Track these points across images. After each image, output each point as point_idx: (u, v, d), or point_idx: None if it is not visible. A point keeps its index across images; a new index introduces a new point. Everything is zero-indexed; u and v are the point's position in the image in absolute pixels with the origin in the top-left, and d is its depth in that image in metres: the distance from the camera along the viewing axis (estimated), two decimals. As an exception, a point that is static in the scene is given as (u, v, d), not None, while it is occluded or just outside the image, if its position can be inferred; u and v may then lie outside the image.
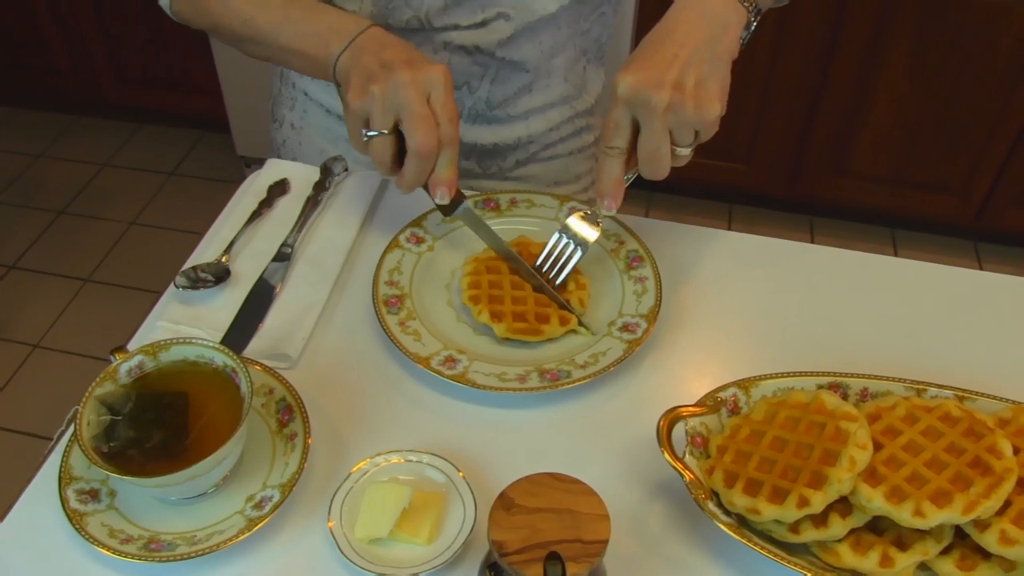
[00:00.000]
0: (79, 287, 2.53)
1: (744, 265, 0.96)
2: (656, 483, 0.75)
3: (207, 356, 0.74)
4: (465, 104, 1.05)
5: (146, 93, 2.90)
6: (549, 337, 0.86)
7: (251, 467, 0.74)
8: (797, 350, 0.86)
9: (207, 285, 0.89)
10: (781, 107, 2.41)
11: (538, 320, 0.86)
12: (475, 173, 1.12)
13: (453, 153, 0.83)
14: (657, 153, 0.79)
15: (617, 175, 0.82)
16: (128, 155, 3.01)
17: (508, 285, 0.89)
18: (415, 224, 0.96)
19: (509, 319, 0.85)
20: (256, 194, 1.01)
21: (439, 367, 0.81)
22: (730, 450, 0.72)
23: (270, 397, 0.78)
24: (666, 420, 0.71)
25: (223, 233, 0.96)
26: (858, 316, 0.90)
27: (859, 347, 0.87)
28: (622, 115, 0.79)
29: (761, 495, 0.68)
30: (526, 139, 1.11)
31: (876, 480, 0.67)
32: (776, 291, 0.93)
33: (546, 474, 0.59)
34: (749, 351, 0.86)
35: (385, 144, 0.82)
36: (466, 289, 0.88)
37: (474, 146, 1.10)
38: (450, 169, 0.84)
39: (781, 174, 2.56)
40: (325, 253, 0.95)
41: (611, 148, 0.81)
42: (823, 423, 0.70)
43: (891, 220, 2.68)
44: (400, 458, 0.74)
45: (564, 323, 0.86)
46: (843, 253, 0.98)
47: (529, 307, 0.87)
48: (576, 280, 0.90)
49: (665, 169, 0.80)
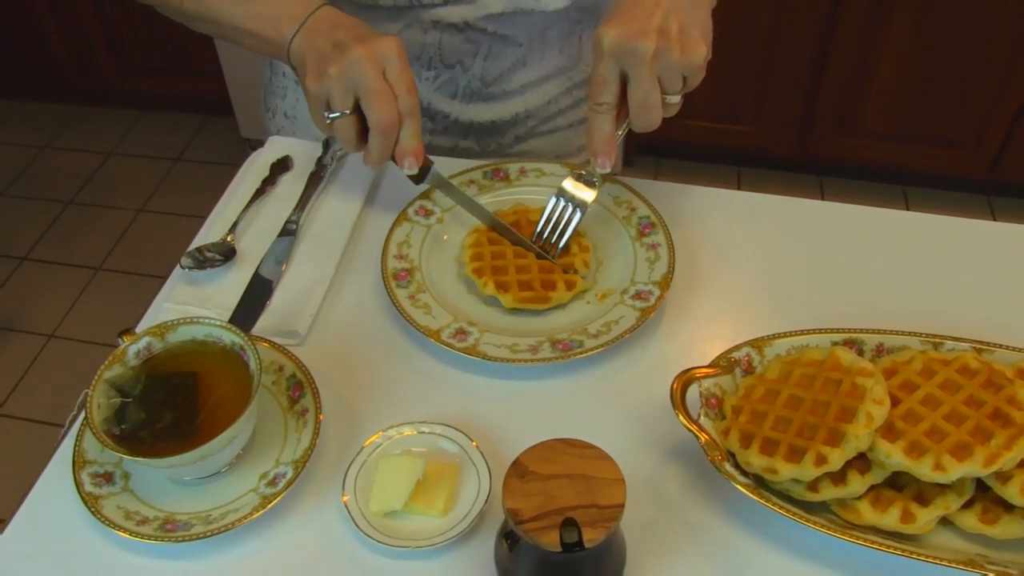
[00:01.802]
0: (90, 276, 2.54)
1: (755, 225, 0.95)
2: (671, 446, 0.74)
3: (215, 335, 0.73)
4: (459, 83, 1.04)
5: (148, 80, 2.90)
6: (558, 303, 0.85)
7: (263, 445, 0.74)
8: (811, 308, 0.85)
9: (213, 265, 0.89)
10: (787, 66, 2.39)
11: (544, 287, 0.85)
12: (474, 152, 1.12)
13: (415, 123, 0.84)
14: (648, 102, 0.78)
15: (608, 131, 0.82)
16: (133, 143, 3.01)
17: (511, 255, 0.88)
18: (424, 196, 0.95)
19: (515, 288, 0.85)
20: (259, 172, 1.01)
21: (450, 340, 0.80)
22: (745, 410, 0.71)
23: (280, 374, 0.78)
24: (680, 382, 0.70)
25: (227, 213, 0.96)
26: (872, 272, 0.89)
27: (874, 303, 0.86)
28: (609, 69, 0.79)
29: (778, 454, 0.67)
30: (524, 114, 1.10)
31: (894, 435, 0.66)
32: (788, 250, 0.92)
33: (559, 440, 0.58)
34: (762, 311, 0.86)
35: (348, 124, 0.83)
36: (469, 261, 0.87)
37: (471, 124, 1.09)
38: (414, 139, 0.84)
39: (789, 135, 2.54)
40: (330, 228, 0.94)
41: (600, 104, 0.81)
42: (839, 380, 0.69)
43: (902, 177, 2.66)
44: (413, 430, 0.74)
45: (571, 287, 0.85)
46: (855, 209, 0.97)
47: (534, 275, 0.86)
48: (579, 243, 0.89)
49: (657, 119, 0.79)
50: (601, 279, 0.89)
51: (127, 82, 2.92)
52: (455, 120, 1.08)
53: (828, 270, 0.90)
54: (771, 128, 2.53)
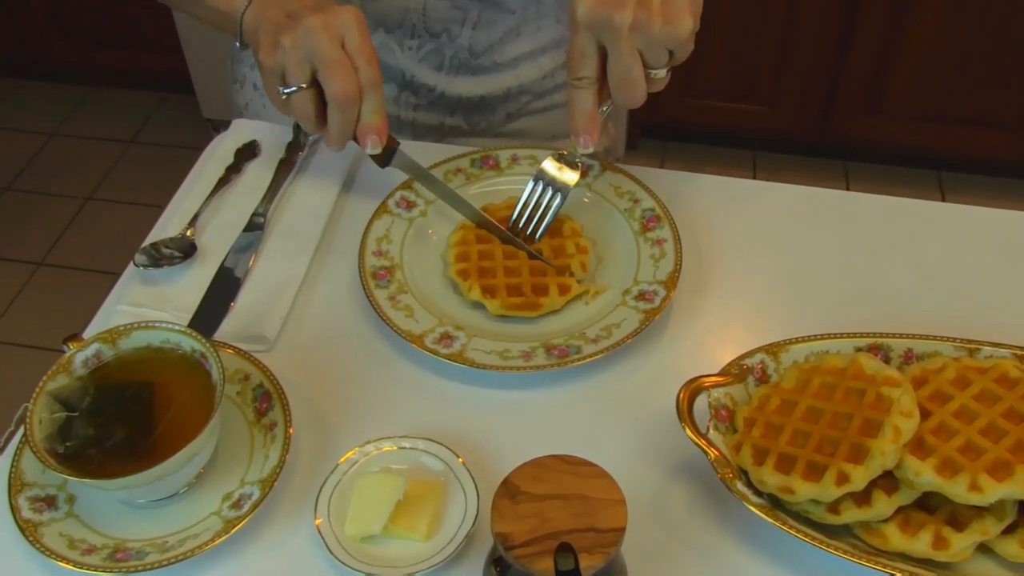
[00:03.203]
0: (31, 272, 2.53)
1: (771, 218, 0.96)
2: (677, 463, 0.75)
3: (173, 341, 0.73)
4: (446, 54, 1.05)
5: (97, 52, 2.89)
6: (550, 310, 0.85)
7: (227, 462, 0.74)
8: (832, 310, 0.86)
9: (171, 262, 0.89)
10: (807, 39, 2.39)
11: (535, 292, 0.86)
12: (462, 130, 1.12)
13: (377, 96, 0.84)
14: (629, 77, 0.79)
15: (589, 108, 0.82)
16: (80, 123, 3.00)
17: (500, 255, 0.88)
18: (406, 187, 0.95)
19: (503, 294, 0.85)
20: (222, 159, 1.01)
21: (434, 345, 0.81)
22: (759, 423, 0.72)
23: (246, 384, 0.78)
24: (686, 392, 0.71)
25: (187, 204, 0.96)
26: (901, 270, 0.90)
27: (902, 304, 0.87)
28: (586, 41, 0.79)
29: (795, 472, 0.68)
30: (516, 90, 1.10)
31: (925, 452, 0.67)
32: (808, 245, 0.93)
33: (554, 456, 0.59)
34: (778, 313, 0.86)
35: (305, 99, 0.84)
36: (454, 262, 0.88)
37: (459, 100, 1.09)
38: (377, 115, 0.85)
39: (809, 116, 2.55)
40: (302, 221, 0.94)
41: (579, 79, 0.81)
42: (862, 390, 0.70)
43: (936, 161, 2.67)
44: (393, 445, 0.74)
45: (565, 292, 0.86)
46: (882, 200, 0.97)
47: (524, 278, 0.86)
48: (576, 242, 0.90)
49: (641, 95, 0.80)
50: (600, 278, 0.89)
51: (73, 54, 2.91)
52: (441, 94, 1.08)
53: (852, 267, 0.90)
54: (790, 108, 2.54)
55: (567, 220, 0.92)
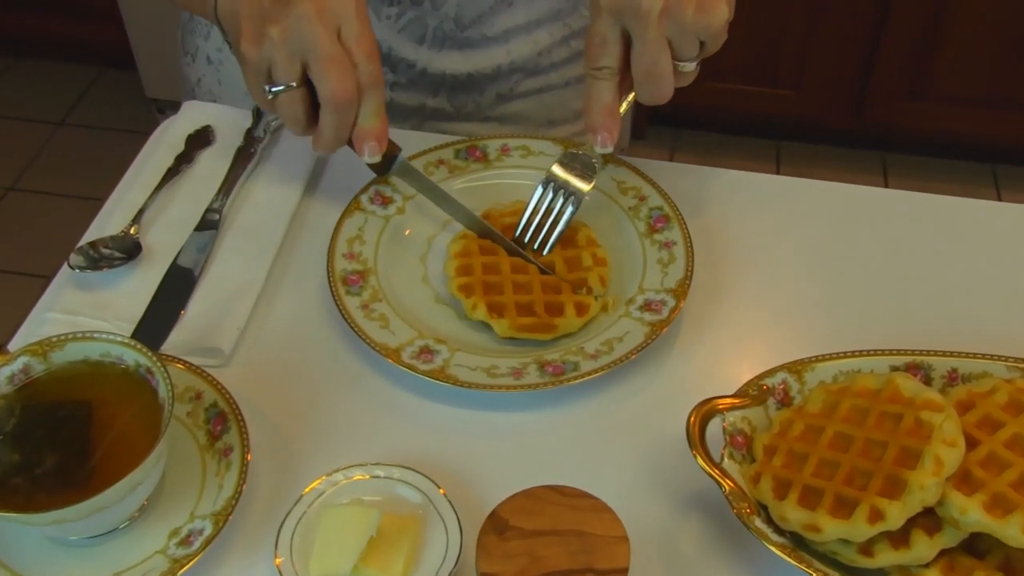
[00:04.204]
0: (-54, 274, 2.53)
1: (797, 218, 0.96)
2: (687, 495, 0.75)
3: (114, 354, 0.74)
4: (428, 24, 1.05)
5: (21, 17, 2.87)
6: (565, 332, 0.85)
7: (175, 493, 0.74)
8: (865, 324, 0.87)
9: (112, 264, 0.89)
10: (838, 12, 2.39)
11: (549, 312, 0.85)
12: (446, 113, 1.12)
13: (377, 97, 0.84)
14: (656, 69, 0.79)
15: (609, 102, 0.83)
16: (0, 100, 2.99)
17: (508, 268, 0.88)
18: (381, 181, 0.96)
19: (512, 313, 0.85)
20: (171, 147, 1.01)
21: (412, 361, 0.81)
22: (780, 451, 0.72)
23: (197, 403, 0.78)
24: (698, 415, 0.71)
25: (130, 198, 0.96)
26: (946, 278, 0.91)
27: (946, 318, 0.87)
28: (608, 27, 0.80)
29: (822, 507, 0.68)
30: (508, 67, 1.11)
31: (971, 487, 0.67)
32: (838, 249, 0.94)
33: (548, 487, 0.59)
34: (803, 327, 0.87)
35: (294, 99, 0.83)
36: (454, 276, 0.87)
37: (442, 77, 1.09)
38: (375, 118, 0.84)
39: (841, 100, 2.54)
40: (263, 219, 0.95)
41: (599, 69, 0.82)
42: (899, 414, 0.70)
43: (990, 152, 2.67)
44: (365, 474, 0.75)
45: (583, 312, 0.85)
46: (926, 197, 0.98)
47: (536, 295, 0.86)
48: (592, 252, 0.89)
49: (667, 89, 0.81)
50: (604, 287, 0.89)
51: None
52: (422, 71, 1.08)
53: (889, 275, 0.91)
54: (818, 91, 2.54)
55: (582, 227, 0.92)
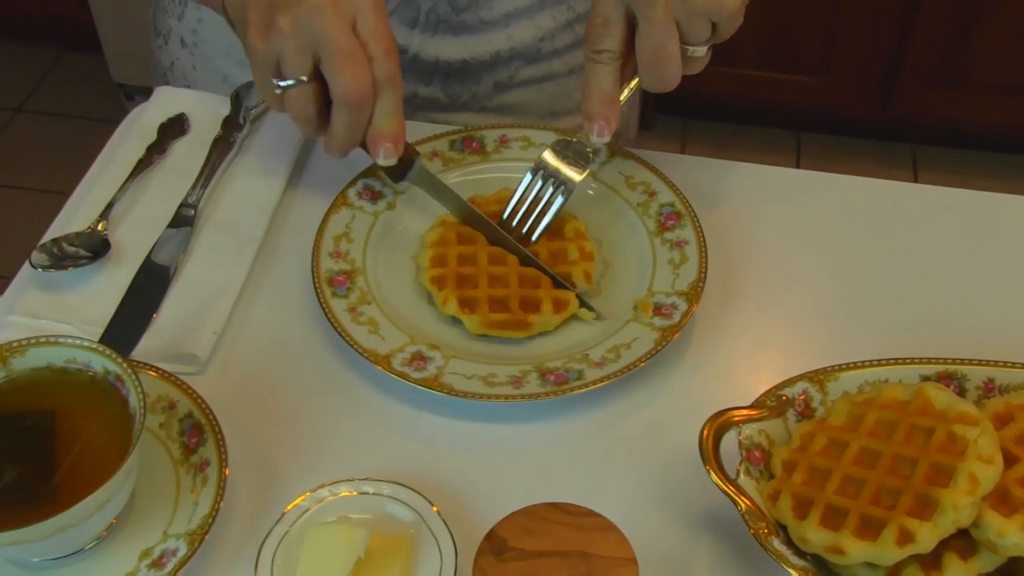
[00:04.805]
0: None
1: (818, 215, 0.97)
2: (700, 514, 0.76)
3: (81, 360, 0.74)
4: (421, 7, 1.05)
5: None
6: (541, 331, 0.86)
7: (147, 511, 0.75)
8: (893, 329, 0.87)
9: (77, 263, 0.90)
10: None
11: (524, 308, 0.86)
12: (439, 103, 1.12)
13: (395, 96, 0.84)
14: (662, 53, 0.79)
15: (608, 88, 0.83)
16: (-45, 84, 2.99)
17: (485, 259, 0.89)
18: (369, 174, 0.96)
19: (484, 308, 0.85)
20: (142, 136, 1.01)
21: (404, 368, 0.81)
22: (801, 467, 0.72)
23: (171, 413, 0.79)
24: (712, 428, 0.72)
25: (97, 191, 0.96)
26: (981, 280, 0.91)
27: (982, 324, 0.88)
28: (611, 7, 0.80)
29: (846, 528, 0.68)
30: (507, 53, 1.11)
31: (1010, 507, 0.67)
32: (864, 249, 0.94)
33: (549, 505, 0.60)
34: (826, 333, 0.87)
35: (305, 95, 0.83)
36: (428, 267, 0.88)
37: (436, 64, 1.09)
38: (393, 119, 0.84)
39: (868, 87, 2.54)
40: (242, 215, 0.95)
41: (599, 52, 0.82)
42: (930, 428, 0.70)
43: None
44: (352, 490, 0.75)
45: (560, 309, 0.86)
46: (959, 194, 0.98)
47: (512, 289, 0.87)
48: (579, 246, 0.90)
49: (674, 75, 0.81)
50: (608, 288, 0.90)
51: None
52: (414, 57, 1.09)
53: (919, 277, 0.91)
54: (844, 77, 2.54)
55: (571, 219, 0.93)
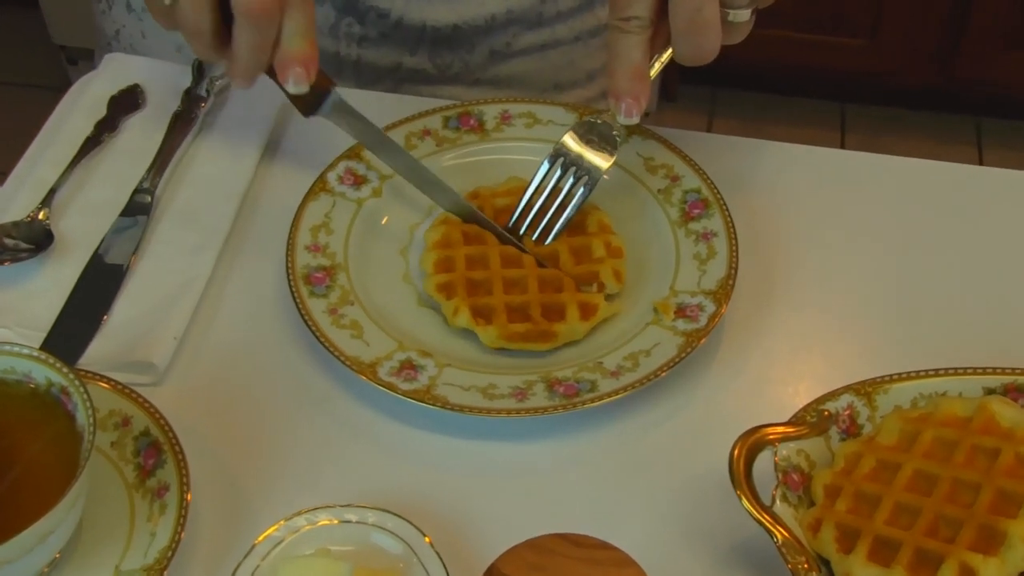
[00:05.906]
0: None
1: (866, 201, 0.97)
2: (731, 546, 0.76)
3: (20, 370, 0.74)
4: None
5: None
6: (568, 341, 0.86)
7: (96, 543, 0.75)
8: (951, 335, 0.87)
9: (16, 257, 0.90)
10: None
11: (547, 315, 0.86)
12: (426, 75, 1.12)
13: (305, 12, 0.81)
14: (699, 18, 0.79)
15: (638, 61, 0.83)
16: None
17: (498, 261, 0.88)
18: (352, 155, 0.96)
19: (502, 318, 0.85)
20: (90, 110, 1.02)
21: (391, 378, 0.82)
22: (846, 493, 0.73)
23: (125, 431, 0.79)
24: (744, 447, 0.72)
25: (38, 173, 0.97)
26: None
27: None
28: None
29: (898, 564, 0.68)
30: (504, 17, 1.11)
31: None
32: (919, 241, 0.94)
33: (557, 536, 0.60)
34: (874, 338, 0.88)
35: (199, 7, 0.80)
36: (432, 272, 0.88)
37: (423, 30, 1.09)
38: (302, 38, 0.82)
39: (924, 52, 2.54)
40: (206, 202, 0.96)
41: (626, 20, 0.82)
42: (995, 449, 0.71)
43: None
44: (332, 518, 0.75)
45: (588, 315, 0.86)
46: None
47: (532, 295, 0.87)
48: (606, 242, 0.90)
49: (713, 45, 0.81)
50: (626, 287, 0.90)
51: None
52: (397, 22, 1.09)
53: (983, 274, 0.92)
54: (897, 40, 2.54)
55: (593, 211, 0.92)
